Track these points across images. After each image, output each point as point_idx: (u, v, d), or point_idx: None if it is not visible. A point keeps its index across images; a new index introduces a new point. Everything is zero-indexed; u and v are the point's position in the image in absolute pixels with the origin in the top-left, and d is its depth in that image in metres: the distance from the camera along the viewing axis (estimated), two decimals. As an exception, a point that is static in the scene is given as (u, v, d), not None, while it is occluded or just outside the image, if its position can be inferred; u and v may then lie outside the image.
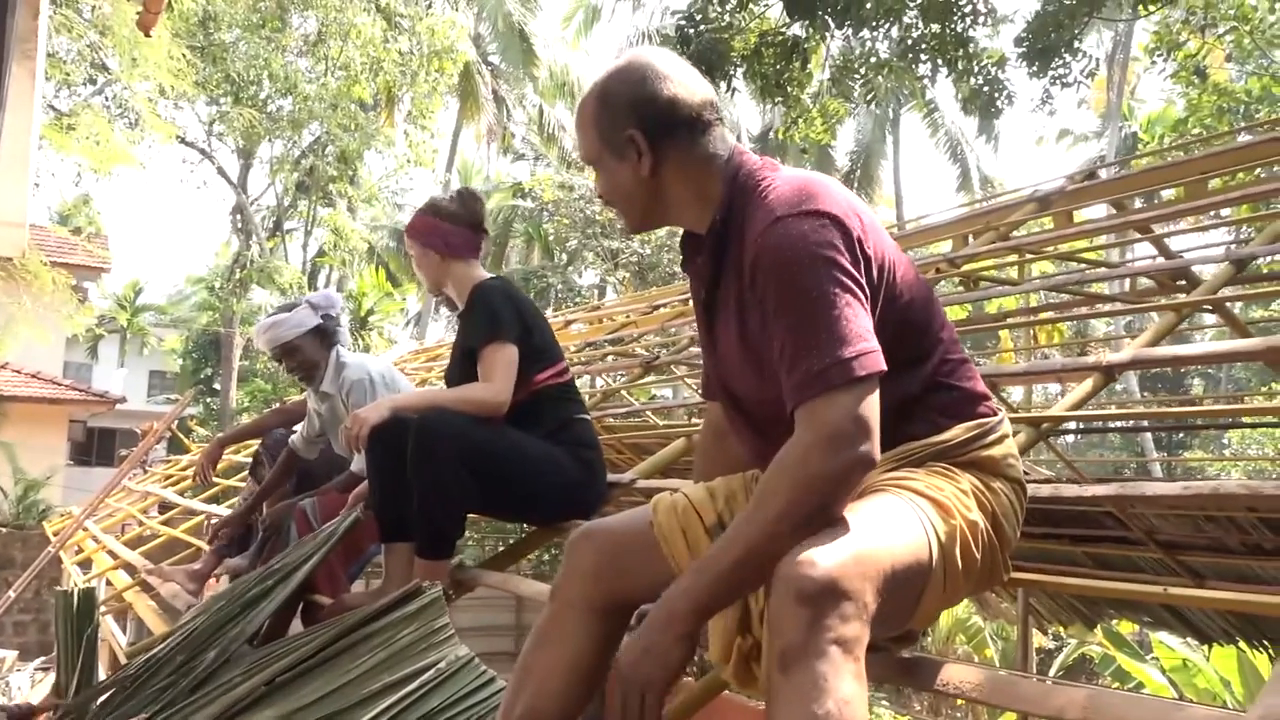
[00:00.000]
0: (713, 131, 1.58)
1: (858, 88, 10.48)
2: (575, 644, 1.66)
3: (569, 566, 1.71)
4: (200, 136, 21.86)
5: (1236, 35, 11.57)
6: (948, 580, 1.36)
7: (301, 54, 19.48)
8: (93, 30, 13.38)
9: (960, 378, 1.55)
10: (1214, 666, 8.30)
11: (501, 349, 2.77)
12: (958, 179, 28.05)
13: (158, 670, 2.78)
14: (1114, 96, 22.35)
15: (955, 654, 12.61)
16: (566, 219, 19.50)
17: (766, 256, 1.40)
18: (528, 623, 10.93)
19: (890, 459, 1.47)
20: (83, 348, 29.19)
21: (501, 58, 25.84)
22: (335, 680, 2.22)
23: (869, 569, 1.20)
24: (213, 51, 17.76)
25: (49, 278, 12.05)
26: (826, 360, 1.31)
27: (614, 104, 1.57)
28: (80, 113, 14.20)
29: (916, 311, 1.52)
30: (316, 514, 3.27)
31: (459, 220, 3.00)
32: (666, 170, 1.57)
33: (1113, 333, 12.20)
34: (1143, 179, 4.72)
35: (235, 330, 22.80)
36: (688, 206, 1.59)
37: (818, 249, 1.37)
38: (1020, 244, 4.44)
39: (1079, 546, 5.16)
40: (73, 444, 19.92)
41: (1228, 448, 21.27)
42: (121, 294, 33.35)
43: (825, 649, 1.14)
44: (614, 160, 1.59)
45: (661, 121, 1.55)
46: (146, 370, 34.89)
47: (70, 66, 14.70)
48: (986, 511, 1.45)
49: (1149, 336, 2.51)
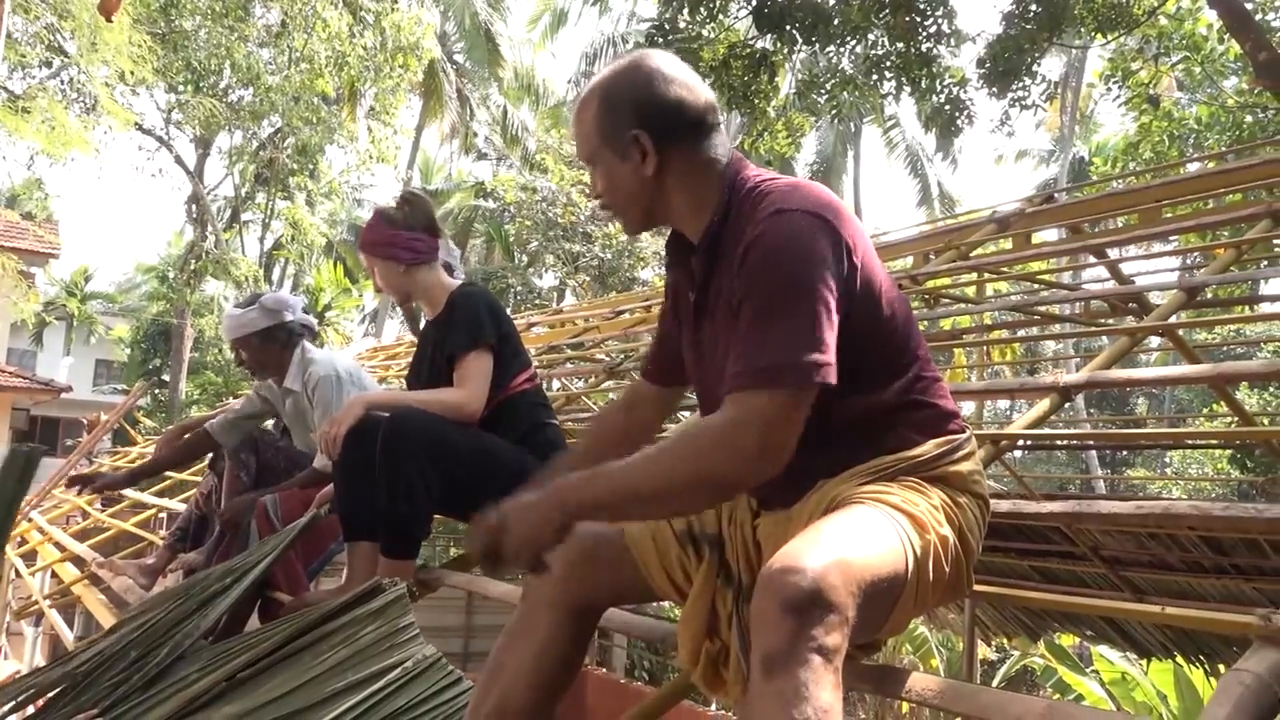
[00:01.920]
0: (715, 136, 1.59)
1: (822, 102, 10.62)
2: (546, 643, 1.68)
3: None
4: (158, 124, 21.53)
5: (1187, 64, 11.87)
6: (919, 592, 1.39)
7: (264, 44, 19.24)
8: (50, 12, 13.12)
9: (933, 395, 1.59)
10: (1152, 680, 8.50)
11: (480, 358, 2.76)
12: (918, 194, 28.43)
13: (110, 665, 2.74)
14: (1067, 120, 22.82)
15: (902, 663, 12.75)
16: (528, 220, 19.48)
17: (758, 243, 1.42)
18: (479, 624, 10.90)
19: (864, 472, 1.50)
20: (27, 334, 28.52)
21: (467, 57, 25.78)
22: (297, 677, 2.21)
23: (853, 580, 1.23)
24: (174, 39, 17.47)
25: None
26: (772, 358, 1.33)
27: (619, 104, 1.57)
28: (35, 95, 13.90)
29: (898, 328, 1.55)
30: (278, 511, 3.25)
31: (414, 225, 2.92)
32: (669, 172, 1.58)
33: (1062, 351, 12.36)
34: (1100, 204, 4.84)
35: (187, 321, 22.46)
36: (686, 208, 1.60)
37: (810, 246, 1.39)
38: (980, 264, 4.53)
39: (1025, 560, 5.27)
40: (15, 432, 19.43)
41: (1169, 466, 21.78)
42: (70, 280, 32.66)
43: (808, 657, 1.16)
44: (616, 160, 1.59)
45: (668, 123, 1.55)
46: (93, 359, 34.22)
47: (25, 48, 14.40)
48: (954, 526, 1.48)
49: (1103, 359, 2.59)
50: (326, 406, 3.36)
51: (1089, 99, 24.63)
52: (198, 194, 22.45)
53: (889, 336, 1.53)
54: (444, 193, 27.21)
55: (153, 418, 21.66)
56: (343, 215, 27.34)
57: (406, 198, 3.02)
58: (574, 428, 6.37)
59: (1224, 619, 2.49)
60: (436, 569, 2.89)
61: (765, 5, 9.02)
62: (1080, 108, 24.36)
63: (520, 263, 21.76)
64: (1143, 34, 10.99)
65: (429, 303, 2.95)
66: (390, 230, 2.89)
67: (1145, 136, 12.04)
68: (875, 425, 1.50)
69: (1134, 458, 22.54)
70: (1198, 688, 7.88)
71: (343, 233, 27.18)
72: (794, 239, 1.40)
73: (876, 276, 1.51)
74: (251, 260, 22.55)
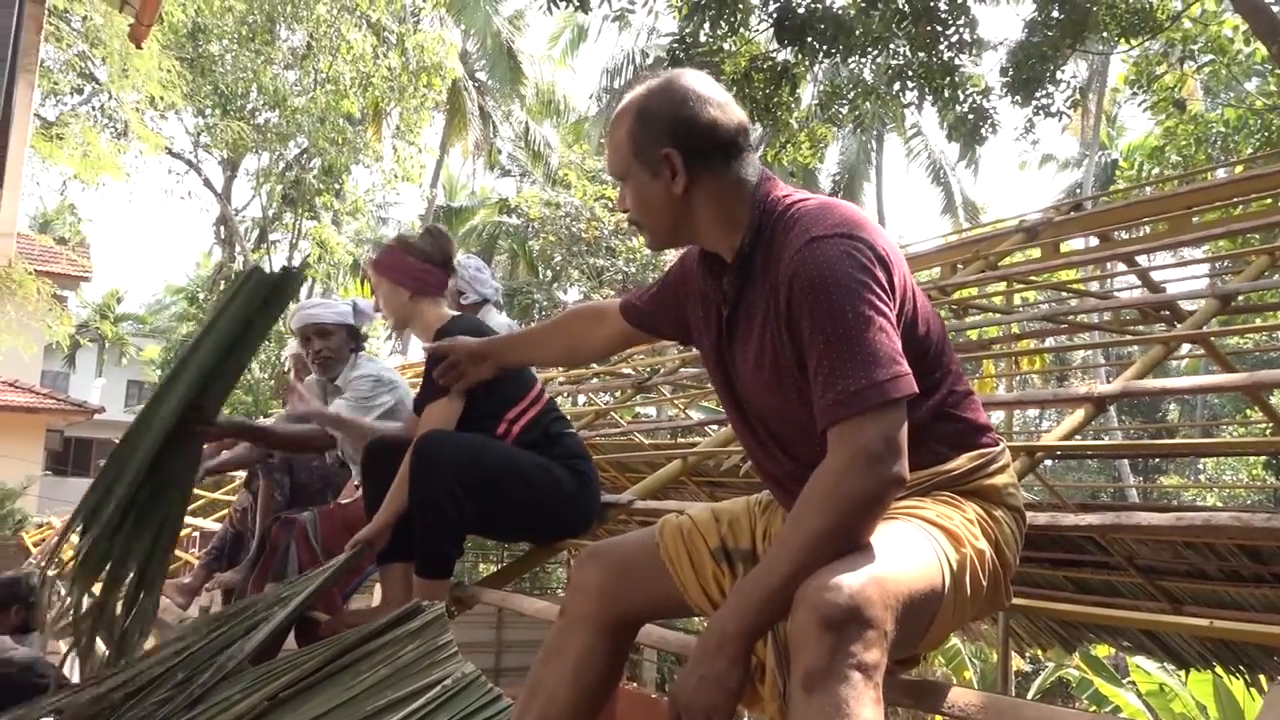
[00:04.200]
0: (745, 157, 1.61)
1: (844, 112, 10.62)
2: (583, 660, 1.69)
3: (576, 584, 1.74)
4: (187, 147, 21.82)
5: (1213, 67, 11.78)
6: (957, 607, 1.40)
7: (290, 67, 19.48)
8: (82, 40, 13.35)
9: (965, 409, 1.60)
10: (1191, 691, 8.38)
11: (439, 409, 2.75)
12: (941, 202, 28.28)
13: (153, 686, 2.77)
14: (1091, 125, 22.66)
15: (934, 675, 12.64)
16: (552, 236, 19.55)
17: (803, 275, 1.43)
18: (510, 639, 10.91)
19: None
20: (60, 357, 28.91)
21: (489, 75, 25.91)
22: (337, 697, 2.22)
23: (890, 596, 1.24)
24: (201, 63, 17.75)
25: (33, 286, 11.97)
26: (862, 382, 1.35)
27: (652, 122, 1.58)
28: (68, 122, 14.14)
29: (932, 343, 1.56)
30: (318, 532, 3.27)
31: (431, 258, 2.95)
32: (698, 191, 1.59)
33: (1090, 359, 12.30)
34: (1128, 212, 4.81)
35: (216, 342, 22.63)
36: (714, 227, 1.61)
37: (853, 271, 1.41)
38: (1009, 273, 4.51)
39: (1059, 570, 5.22)
40: (49, 453, 19.71)
41: (1203, 472, 21.50)
42: (101, 302, 33.08)
43: (848, 674, 1.17)
44: (646, 177, 1.60)
45: (699, 143, 1.57)
46: (124, 380, 34.57)
47: (58, 76, 14.66)
48: (990, 540, 1.49)
49: (1138, 368, 2.58)
50: (355, 396, 3.34)
51: (1114, 103, 24.47)
52: (226, 215, 22.72)
53: (923, 353, 1.53)
54: (468, 210, 27.36)
55: (184, 437, 21.83)
56: (368, 234, 27.54)
57: (431, 231, 3.05)
58: (602, 443, 6.41)
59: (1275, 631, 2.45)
60: (471, 587, 2.91)
61: (786, 17, 9.04)
62: (1105, 111, 24.19)
63: (545, 278, 21.83)
64: (1167, 38, 10.92)
65: (424, 334, 2.96)
66: (405, 256, 2.93)
67: (1170, 140, 11.95)
68: (910, 442, 1.51)
69: (1166, 464, 22.30)
70: (1238, 699, 7.76)
71: (369, 252, 27.35)
72: (835, 266, 1.41)
73: (911, 292, 1.52)
74: (279, 280, 22.71)
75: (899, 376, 1.36)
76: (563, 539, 2.98)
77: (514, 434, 2.81)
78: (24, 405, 17.57)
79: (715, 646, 1.37)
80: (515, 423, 2.83)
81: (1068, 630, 6.28)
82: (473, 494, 2.60)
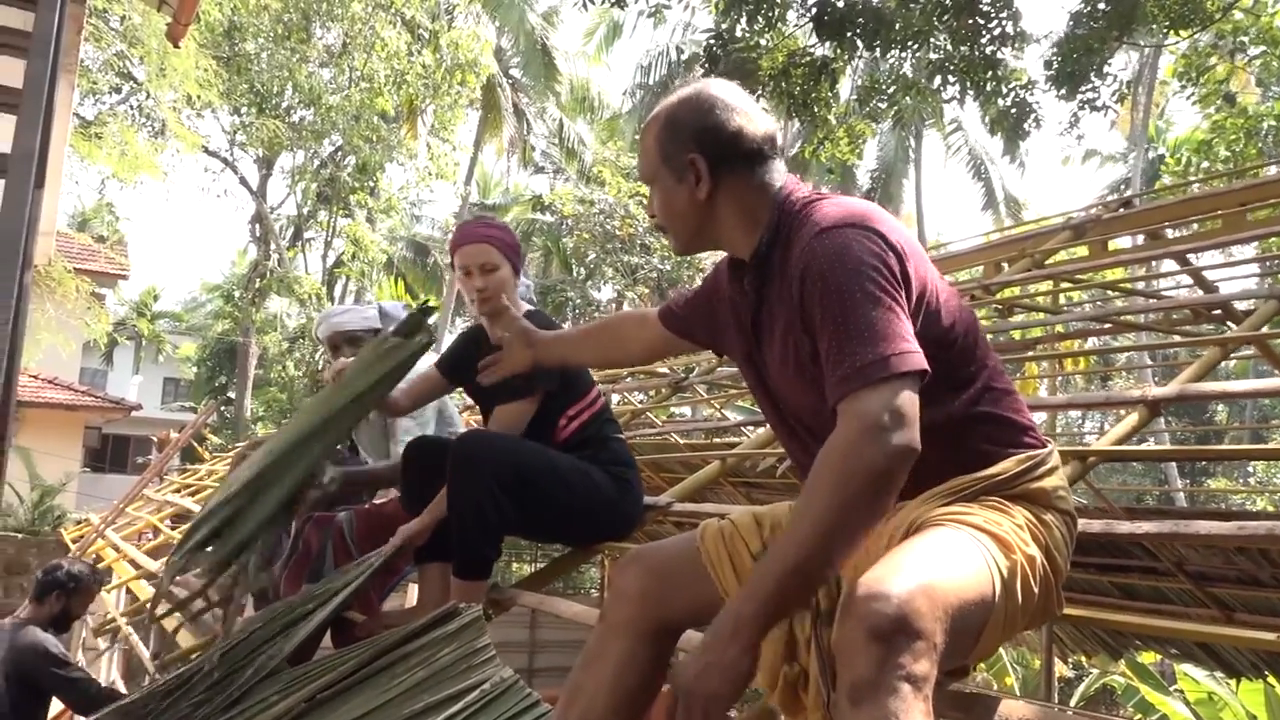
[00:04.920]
0: (771, 164, 1.64)
1: (883, 108, 10.53)
2: (623, 666, 1.68)
3: (617, 589, 1.74)
4: (223, 146, 22.11)
5: (1265, 59, 11.56)
6: (1008, 615, 1.37)
7: (325, 65, 19.66)
8: (120, 40, 13.56)
9: (1005, 407, 1.58)
10: (1241, 700, 8.22)
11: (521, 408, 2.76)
12: (982, 198, 28.01)
13: (192, 686, 2.80)
14: (1139, 119, 22.31)
15: (975, 682, 12.53)
16: (586, 233, 19.60)
17: (814, 264, 1.45)
18: (543, 639, 10.94)
19: (943, 493, 1.49)
20: (98, 354, 29.39)
21: (523, 71, 25.99)
22: (375, 699, 2.23)
23: (939, 606, 1.22)
24: (238, 62, 17.96)
25: (72, 285, 12.18)
26: (867, 357, 1.35)
27: (680, 128, 1.63)
28: (106, 121, 14.36)
29: (959, 336, 1.55)
30: (354, 532, 3.28)
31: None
32: (722, 196, 1.63)
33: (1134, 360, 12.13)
34: (1179, 209, 4.72)
35: (251, 339, 22.94)
36: (737, 231, 1.65)
37: (861, 256, 1.42)
38: (1055, 272, 4.45)
39: (1105, 576, 5.15)
40: (87, 450, 20.03)
41: (1253, 475, 21.13)
42: (139, 300, 33.59)
43: (896, 686, 1.16)
44: (672, 181, 1.65)
45: (724, 150, 1.61)
46: (161, 377, 35.14)
47: (97, 75, 14.89)
48: (1041, 545, 1.46)
49: (1194, 371, 2.53)
50: None
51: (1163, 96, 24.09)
52: (261, 213, 22.98)
53: (949, 346, 1.53)
54: (501, 207, 27.49)
55: (219, 434, 22.18)
56: (402, 232, 27.73)
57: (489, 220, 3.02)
58: (638, 443, 6.39)
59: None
60: (508, 589, 2.91)
61: (825, 12, 8.97)
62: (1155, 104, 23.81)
63: (578, 275, 21.89)
64: (1217, 30, 10.73)
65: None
66: (516, 240, 2.86)
67: (1218, 135, 11.74)
68: (946, 440, 1.49)
69: (1214, 467, 21.91)
70: (1291, 709, 7.61)
71: (402, 249, 27.56)
72: (843, 252, 1.43)
73: (932, 285, 1.52)
74: (314, 278, 23.00)
75: (906, 352, 1.36)
76: (600, 542, 2.97)
77: (570, 431, 2.82)
78: (63, 402, 17.86)
79: (729, 633, 1.35)
80: (574, 420, 2.83)
81: (1114, 637, 6.20)
82: (511, 495, 2.60)
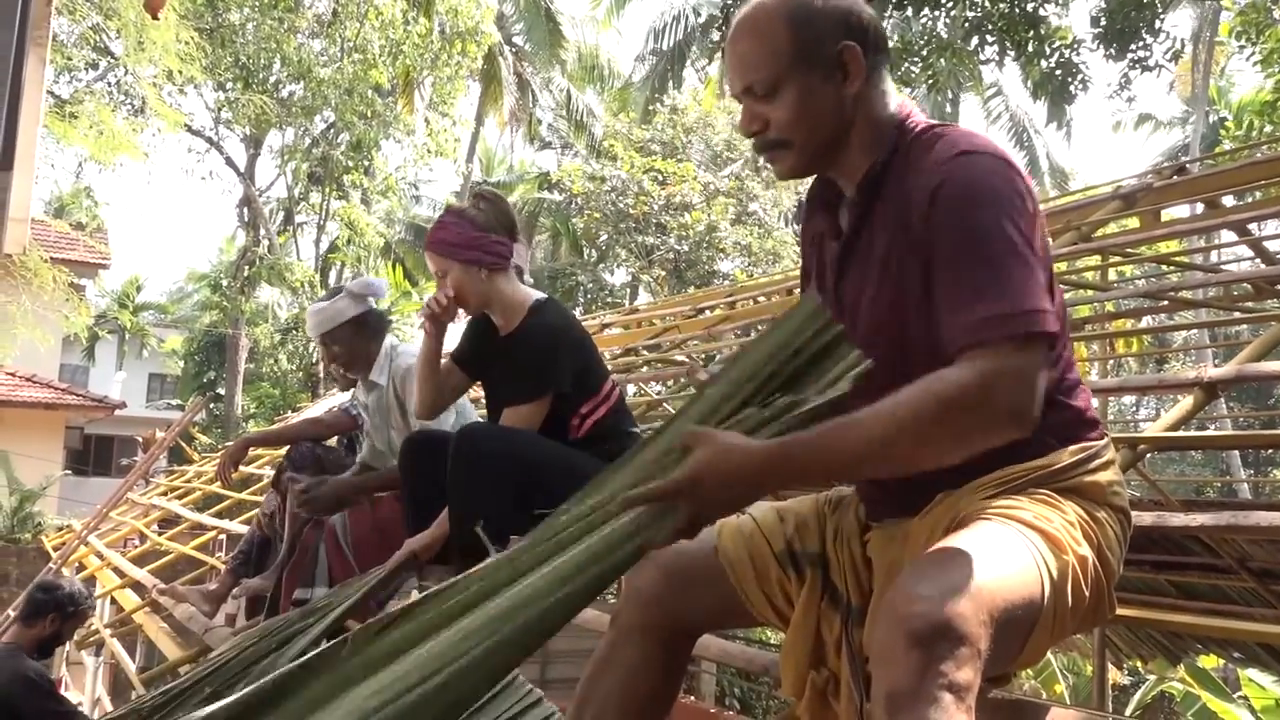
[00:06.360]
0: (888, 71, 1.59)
1: (917, 71, 10.46)
2: (634, 673, 1.67)
3: (630, 591, 1.72)
4: (207, 124, 22.17)
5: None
6: (1057, 619, 1.35)
7: (315, 36, 19.68)
8: (96, 12, 13.60)
9: (1075, 397, 1.55)
10: (1311, 707, 8.18)
11: (534, 409, 2.77)
12: (1025, 168, 27.63)
13: (185, 700, 2.82)
14: (1199, 80, 22.01)
15: (1021, 689, 12.49)
16: (597, 213, 19.53)
17: (951, 184, 1.40)
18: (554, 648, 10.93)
19: (990, 484, 1.46)
20: (79, 349, 29.56)
21: (526, 39, 25.86)
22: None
23: (984, 609, 1.20)
24: (221, 34, 18.00)
25: (49, 275, 12.25)
26: (1013, 306, 1.32)
27: (821, 15, 1.51)
28: (82, 99, 14.42)
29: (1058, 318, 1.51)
30: (348, 532, 3.31)
31: (495, 228, 2.84)
32: (869, 93, 1.54)
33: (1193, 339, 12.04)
34: (1239, 175, 4.67)
35: (241, 331, 23.03)
36: (861, 143, 1.56)
37: (1009, 191, 1.39)
38: (1104, 245, 4.41)
39: (1161, 574, 5.11)
40: (69, 452, 20.16)
41: (1322, 465, 20.96)
42: (121, 291, 33.73)
43: (937, 694, 1.14)
44: (816, 79, 1.51)
45: (871, 36, 1.53)
46: (146, 373, 35.21)
47: (71, 50, 14.95)
48: (1093, 544, 1.44)
49: (1254, 350, 2.49)
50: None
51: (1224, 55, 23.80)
52: (250, 196, 23.06)
53: None
54: (506, 185, 27.43)
55: (208, 433, 22.31)
56: (400, 214, 27.76)
57: (486, 196, 2.97)
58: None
59: None
60: (515, 594, 2.91)
61: (852, -32, 8.91)
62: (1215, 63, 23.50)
63: (589, 258, 21.85)
64: (1282, -21, 10.59)
65: (505, 315, 2.89)
66: (471, 231, 2.81)
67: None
68: None
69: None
70: (1365, 715, 7.56)
71: (401, 233, 27.60)
72: (990, 180, 1.40)
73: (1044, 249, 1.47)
74: (307, 264, 23.07)
75: (1046, 311, 1.34)
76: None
77: (586, 428, 2.82)
78: (42, 401, 17.98)
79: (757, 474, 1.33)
80: (589, 417, 2.83)
81: (1171, 640, 6.16)
82: (515, 492, 2.60)
